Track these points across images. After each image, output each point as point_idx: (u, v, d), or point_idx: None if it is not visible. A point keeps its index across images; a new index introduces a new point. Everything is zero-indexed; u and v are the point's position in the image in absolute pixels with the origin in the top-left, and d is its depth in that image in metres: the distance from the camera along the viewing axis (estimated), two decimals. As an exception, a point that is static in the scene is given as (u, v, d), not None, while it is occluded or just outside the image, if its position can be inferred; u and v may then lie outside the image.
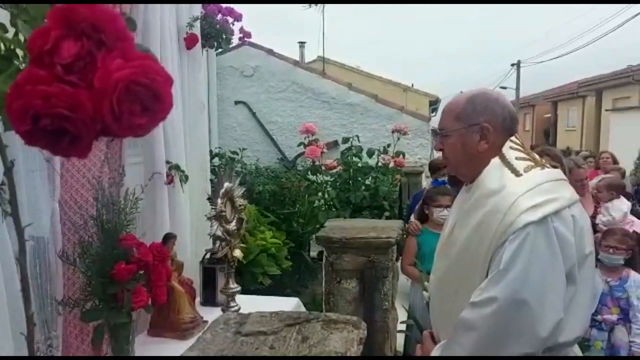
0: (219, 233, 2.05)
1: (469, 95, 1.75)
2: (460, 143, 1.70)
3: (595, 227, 3.83)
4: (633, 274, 3.46)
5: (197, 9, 2.95)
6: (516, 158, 1.65)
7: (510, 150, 1.67)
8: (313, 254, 5.34)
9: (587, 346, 3.22)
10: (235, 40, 3.32)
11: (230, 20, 3.09)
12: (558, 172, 1.70)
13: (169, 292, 2.18)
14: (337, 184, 4.47)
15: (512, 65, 29.84)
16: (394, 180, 4.49)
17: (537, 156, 1.72)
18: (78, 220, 1.84)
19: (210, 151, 6.21)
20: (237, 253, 2.16)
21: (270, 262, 4.57)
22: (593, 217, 4.06)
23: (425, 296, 2.02)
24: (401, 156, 4.67)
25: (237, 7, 3.17)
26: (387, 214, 4.05)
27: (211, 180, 2.06)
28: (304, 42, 17.69)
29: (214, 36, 3.11)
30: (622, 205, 4.12)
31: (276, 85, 7.27)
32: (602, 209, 4.06)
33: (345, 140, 4.56)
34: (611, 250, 3.41)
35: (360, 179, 4.35)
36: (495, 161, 1.65)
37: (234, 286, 2.21)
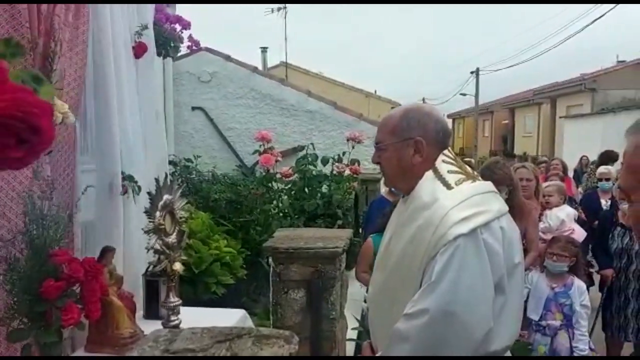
0: (157, 246, 2.01)
1: (403, 110, 1.79)
2: (396, 157, 1.74)
3: None
4: (577, 281, 3.57)
5: (148, 17, 2.91)
6: (448, 171, 1.69)
7: (443, 163, 1.72)
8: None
9: (529, 350, 3.31)
10: (184, 49, 3.28)
11: (179, 28, 3.05)
12: (488, 185, 1.75)
13: (107, 306, 2.13)
14: (292, 192, 4.46)
15: (472, 73, 30.56)
16: (349, 188, 4.51)
17: (468, 168, 1.77)
18: (6, 235, 1.77)
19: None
20: (177, 266, 2.13)
21: (224, 271, 4.52)
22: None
23: (364, 307, 2.04)
24: (356, 164, 4.69)
25: (192, 14, 3.15)
26: (340, 222, 4.07)
27: (148, 192, 2.02)
28: (266, 48, 17.68)
29: (162, 44, 3.07)
30: (560, 213, 4.24)
31: (234, 91, 7.22)
32: (544, 216, 4.18)
33: (301, 148, 4.56)
34: (555, 258, 3.52)
35: (314, 187, 4.35)
36: (429, 174, 1.70)
37: (174, 300, 2.17)
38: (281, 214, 4.45)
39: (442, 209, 1.56)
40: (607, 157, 8.18)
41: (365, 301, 2.09)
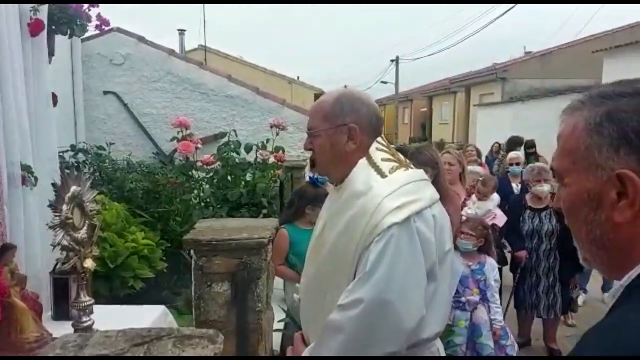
0: (65, 242, 1.83)
1: (335, 95, 1.75)
2: (329, 143, 1.70)
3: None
4: (489, 259, 3.78)
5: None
6: (382, 159, 1.68)
7: (377, 151, 1.70)
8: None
9: (451, 331, 3.43)
10: (92, 29, 3.02)
11: (85, 5, 2.79)
12: (421, 173, 1.75)
13: (8, 309, 1.93)
14: (215, 180, 4.30)
15: (392, 61, 31.26)
16: (273, 176, 4.42)
17: (401, 156, 1.76)
18: None
19: (73, 146, 5.73)
20: (89, 263, 1.96)
21: (142, 264, 4.30)
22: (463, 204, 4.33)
23: (295, 298, 1.99)
24: (280, 151, 4.60)
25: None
26: (265, 211, 3.97)
27: (53, 184, 1.83)
28: (184, 30, 17.04)
29: (66, 22, 2.80)
30: (488, 204, 4.46)
31: (150, 75, 6.86)
32: (470, 202, 4.35)
33: (222, 135, 4.40)
34: (462, 236, 3.69)
35: (238, 175, 4.22)
36: (363, 162, 1.67)
37: (85, 299, 2.00)
38: (203, 204, 4.29)
39: (376, 198, 1.55)
40: (513, 143, 8.68)
41: (284, 292, 2.05)
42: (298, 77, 27.14)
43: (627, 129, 0.78)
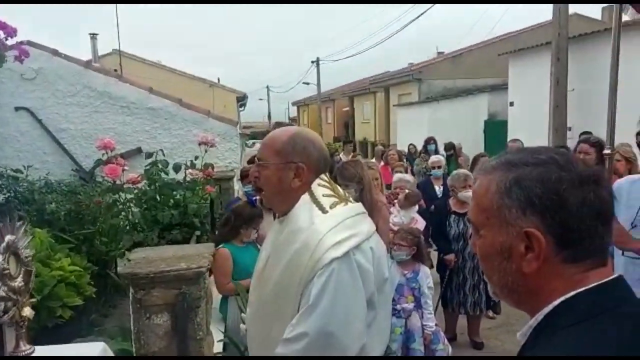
0: (2, 293, 1.77)
1: (291, 134, 1.82)
2: (276, 177, 1.78)
3: None
4: (423, 267, 3.99)
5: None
6: (323, 195, 1.77)
7: (319, 187, 1.79)
8: (121, 268, 5.00)
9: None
10: (10, 59, 2.87)
11: (3, 35, 2.67)
12: (358, 206, 1.86)
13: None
14: (142, 201, 4.20)
15: (312, 62, 31.57)
16: (205, 194, 4.39)
17: (341, 191, 1.86)
18: None
19: (-15, 169, 5.37)
20: (27, 312, 1.90)
21: (70, 292, 4.13)
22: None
23: (242, 329, 2.06)
24: (210, 168, 4.58)
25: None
26: (198, 232, 3.94)
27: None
28: (96, 34, 16.30)
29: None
30: (411, 211, 4.70)
31: (65, 89, 6.54)
32: (394, 210, 4.56)
33: (149, 155, 4.31)
34: (395, 247, 3.88)
35: (167, 195, 4.15)
36: (305, 198, 1.76)
37: (25, 347, 1.93)
38: (131, 226, 4.19)
39: (317, 234, 1.64)
40: (427, 142, 9.37)
41: (243, 322, 2.11)
42: (219, 80, 26.74)
43: (532, 194, 0.93)
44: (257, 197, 3.67)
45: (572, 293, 0.91)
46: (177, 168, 4.27)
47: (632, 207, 2.52)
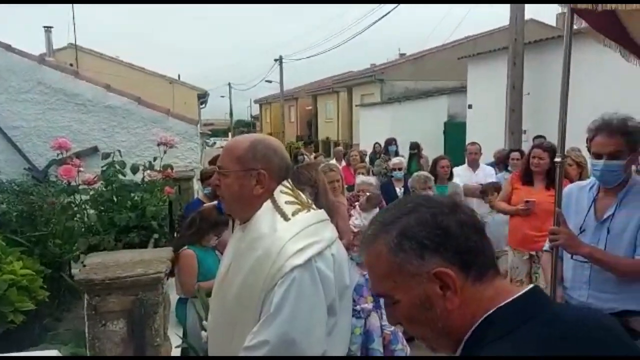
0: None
1: (251, 141, 1.81)
2: (237, 184, 1.76)
3: None
4: None
5: None
6: (285, 202, 1.77)
7: (281, 194, 1.79)
8: (75, 271, 4.87)
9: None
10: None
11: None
12: (321, 213, 1.86)
13: None
14: (99, 203, 4.09)
15: (275, 60, 31.45)
16: (164, 195, 4.31)
17: (303, 198, 1.86)
18: None
19: None
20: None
21: (22, 296, 4.00)
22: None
23: (203, 336, 2.04)
24: (169, 169, 4.49)
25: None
26: (156, 235, 3.86)
27: None
28: (51, 27, 15.78)
29: None
30: (372, 215, 4.73)
31: (18, 85, 6.31)
32: (356, 212, 4.59)
33: (106, 155, 4.20)
34: (355, 249, 3.92)
35: (124, 197, 4.05)
36: (267, 205, 1.75)
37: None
38: (86, 229, 4.08)
39: (279, 241, 1.64)
40: (388, 143, 9.48)
41: (204, 329, 2.10)
42: (179, 77, 26.32)
43: (421, 239, 0.99)
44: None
45: (493, 309, 0.96)
46: (134, 169, 4.16)
47: (581, 212, 2.61)
